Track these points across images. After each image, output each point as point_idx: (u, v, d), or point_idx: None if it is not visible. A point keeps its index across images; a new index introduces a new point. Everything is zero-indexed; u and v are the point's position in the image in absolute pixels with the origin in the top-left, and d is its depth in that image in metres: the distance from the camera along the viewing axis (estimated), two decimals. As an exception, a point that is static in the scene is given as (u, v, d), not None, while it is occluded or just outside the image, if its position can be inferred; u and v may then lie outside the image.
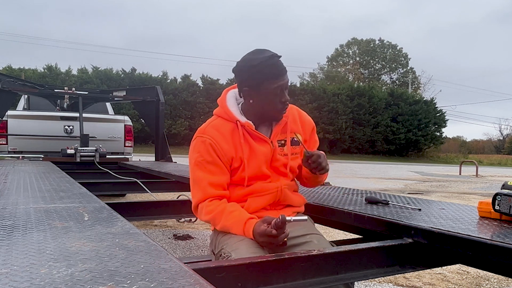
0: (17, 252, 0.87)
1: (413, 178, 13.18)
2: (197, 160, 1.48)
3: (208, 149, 1.46)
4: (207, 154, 1.47)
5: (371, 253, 1.28)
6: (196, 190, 1.50)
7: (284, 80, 1.46)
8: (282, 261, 1.14)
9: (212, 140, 1.47)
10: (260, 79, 1.44)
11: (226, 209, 1.44)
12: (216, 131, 1.50)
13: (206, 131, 1.50)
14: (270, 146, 1.53)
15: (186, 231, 4.29)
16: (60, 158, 4.73)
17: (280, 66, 1.46)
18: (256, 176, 1.51)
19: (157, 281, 0.70)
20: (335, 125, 29.02)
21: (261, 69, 1.43)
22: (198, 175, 1.48)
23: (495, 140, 56.73)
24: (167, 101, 24.20)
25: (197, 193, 1.49)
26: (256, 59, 1.44)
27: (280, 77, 1.45)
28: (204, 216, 1.48)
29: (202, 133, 1.50)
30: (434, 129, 33.13)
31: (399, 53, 48.67)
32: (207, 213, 1.46)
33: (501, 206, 1.37)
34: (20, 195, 1.77)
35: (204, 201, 1.48)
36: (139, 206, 2.40)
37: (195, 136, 1.52)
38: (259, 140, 1.52)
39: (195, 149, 1.50)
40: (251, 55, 1.48)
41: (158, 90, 5.85)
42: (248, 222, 1.38)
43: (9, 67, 26.03)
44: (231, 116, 1.52)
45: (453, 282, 2.87)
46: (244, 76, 1.47)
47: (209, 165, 1.47)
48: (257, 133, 1.52)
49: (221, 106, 1.56)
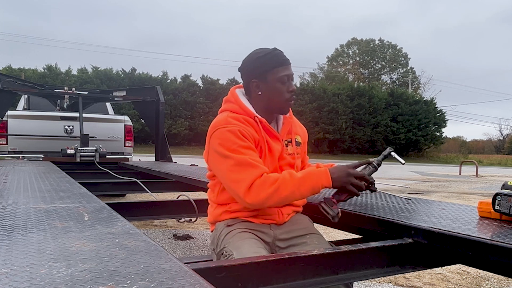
0: (17, 252, 0.87)
1: (413, 178, 13.18)
2: (231, 148, 1.39)
3: (238, 136, 1.41)
4: (240, 140, 1.41)
5: (371, 253, 1.28)
6: (242, 174, 1.36)
7: (290, 70, 1.53)
8: (282, 261, 1.14)
9: (239, 127, 1.43)
10: (268, 66, 1.49)
11: (292, 175, 1.38)
12: (238, 121, 1.47)
13: (229, 121, 1.45)
14: (282, 144, 1.55)
15: (186, 231, 4.29)
16: (60, 158, 4.73)
17: (284, 56, 1.53)
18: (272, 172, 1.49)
19: (157, 281, 0.70)
20: (335, 125, 29.02)
21: (268, 58, 1.50)
22: (239, 158, 1.38)
23: (495, 140, 56.76)
24: (167, 101, 24.20)
25: (247, 175, 1.36)
26: (262, 51, 1.52)
27: (286, 65, 1.51)
28: (268, 189, 1.35)
29: (227, 124, 1.44)
30: (434, 129, 33.12)
31: (399, 53, 48.66)
32: (271, 185, 1.35)
33: (501, 206, 1.37)
34: (20, 195, 1.77)
35: (259, 177, 1.37)
36: (139, 206, 2.40)
37: (216, 129, 1.45)
38: (273, 137, 1.54)
39: (224, 138, 1.41)
40: (256, 50, 1.56)
41: (158, 90, 5.86)
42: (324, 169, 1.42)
43: (9, 67, 26.06)
44: (248, 111, 1.51)
45: (453, 282, 2.87)
46: (252, 68, 1.52)
47: (245, 149, 1.40)
48: (272, 129, 1.53)
49: (235, 102, 1.54)
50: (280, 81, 1.50)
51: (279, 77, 1.49)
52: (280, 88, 1.50)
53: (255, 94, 1.53)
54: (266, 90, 1.51)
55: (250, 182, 1.35)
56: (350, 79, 45.04)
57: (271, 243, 1.50)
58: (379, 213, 1.54)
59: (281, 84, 1.50)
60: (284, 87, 1.51)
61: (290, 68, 1.53)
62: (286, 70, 1.51)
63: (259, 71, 1.50)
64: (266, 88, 1.51)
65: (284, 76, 1.50)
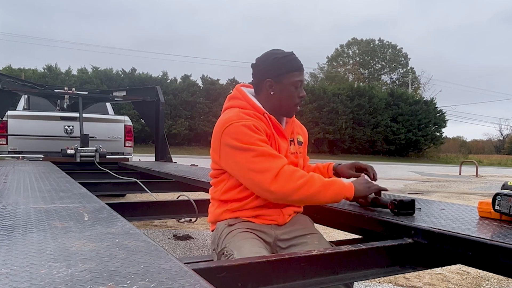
0: (17, 252, 0.87)
1: (413, 178, 13.18)
2: (249, 141, 1.38)
3: (254, 130, 1.41)
4: (256, 134, 1.41)
5: (371, 253, 1.28)
6: (266, 163, 1.35)
7: (303, 76, 1.56)
8: (282, 261, 1.14)
9: (253, 121, 1.44)
10: (285, 69, 1.51)
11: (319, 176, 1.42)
12: (250, 116, 1.47)
13: (241, 117, 1.44)
14: (288, 142, 1.58)
15: (186, 231, 4.29)
16: (60, 158, 4.73)
17: (300, 62, 1.56)
18: None
19: (157, 281, 0.70)
20: (335, 125, 29.02)
21: (287, 61, 1.52)
22: (260, 150, 1.37)
23: (495, 140, 56.76)
24: (167, 101, 24.19)
25: (272, 164, 1.35)
26: (281, 53, 1.53)
27: (301, 70, 1.55)
28: (296, 181, 1.35)
29: (240, 119, 1.43)
30: (434, 129, 33.13)
31: (399, 53, 48.66)
32: (300, 177, 1.35)
33: (501, 206, 1.37)
34: (20, 195, 1.77)
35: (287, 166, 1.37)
36: (139, 206, 2.40)
37: (229, 124, 1.42)
38: (281, 135, 1.56)
39: (240, 133, 1.39)
40: (274, 51, 1.56)
41: (158, 90, 5.85)
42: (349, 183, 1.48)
43: (9, 67, 26.04)
44: (258, 108, 1.52)
45: (453, 282, 2.87)
46: (268, 67, 1.52)
47: (262, 142, 1.41)
48: (281, 127, 1.55)
49: (244, 100, 1.54)
50: (294, 85, 1.52)
51: (293, 81, 1.52)
52: (292, 92, 1.53)
53: (267, 93, 1.54)
54: (278, 91, 1.53)
55: (277, 171, 1.34)
56: (350, 79, 45.03)
57: (272, 243, 1.50)
58: (379, 213, 1.54)
59: (294, 88, 1.53)
60: (296, 92, 1.54)
61: (303, 74, 1.56)
62: (301, 75, 1.55)
63: (276, 72, 1.51)
64: (279, 89, 1.52)
65: (298, 81, 1.53)
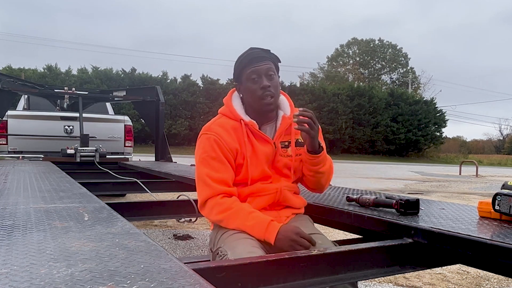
0: (17, 252, 0.87)
1: (413, 178, 13.17)
2: (201, 157, 1.49)
3: (212, 145, 1.47)
4: (211, 150, 1.47)
5: (371, 253, 1.28)
6: (201, 187, 1.48)
7: (259, 65, 1.50)
8: (282, 261, 1.14)
9: (216, 136, 1.48)
10: (240, 68, 1.53)
11: (244, 209, 1.42)
12: (220, 127, 1.51)
13: (211, 128, 1.52)
14: (272, 146, 1.54)
15: (186, 231, 4.29)
16: (60, 158, 4.73)
17: (256, 54, 1.51)
18: (258, 176, 1.52)
19: (157, 281, 0.70)
20: (335, 125, 29.01)
21: (240, 60, 1.54)
22: (202, 171, 1.48)
23: (495, 140, 56.75)
24: (167, 101, 24.19)
25: (204, 190, 1.47)
26: (240, 55, 1.55)
27: (254, 63, 1.50)
28: (215, 216, 1.44)
29: (207, 130, 1.52)
30: (434, 129, 33.12)
31: (399, 53, 48.66)
32: (219, 212, 1.43)
33: (501, 206, 1.37)
34: (20, 195, 1.77)
35: (213, 198, 1.44)
36: (139, 206, 2.40)
37: (200, 134, 1.54)
38: (261, 140, 1.54)
39: (200, 146, 1.52)
40: None
41: (158, 90, 5.85)
42: (271, 224, 1.36)
43: (9, 67, 26.03)
44: (235, 114, 1.54)
45: (453, 282, 2.87)
46: (233, 72, 1.58)
47: (213, 161, 1.47)
48: (260, 132, 1.53)
49: (226, 105, 1.58)
50: (250, 80, 1.51)
51: (248, 77, 1.51)
52: (251, 87, 1.51)
53: (242, 97, 1.58)
54: (244, 92, 1.56)
55: (204, 199, 1.47)
56: (350, 79, 45.02)
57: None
58: (379, 213, 1.54)
59: (252, 83, 1.50)
60: (255, 86, 1.50)
61: (261, 65, 1.49)
62: (254, 68, 1.49)
63: (235, 74, 1.57)
64: (243, 89, 1.55)
65: (251, 73, 1.49)
